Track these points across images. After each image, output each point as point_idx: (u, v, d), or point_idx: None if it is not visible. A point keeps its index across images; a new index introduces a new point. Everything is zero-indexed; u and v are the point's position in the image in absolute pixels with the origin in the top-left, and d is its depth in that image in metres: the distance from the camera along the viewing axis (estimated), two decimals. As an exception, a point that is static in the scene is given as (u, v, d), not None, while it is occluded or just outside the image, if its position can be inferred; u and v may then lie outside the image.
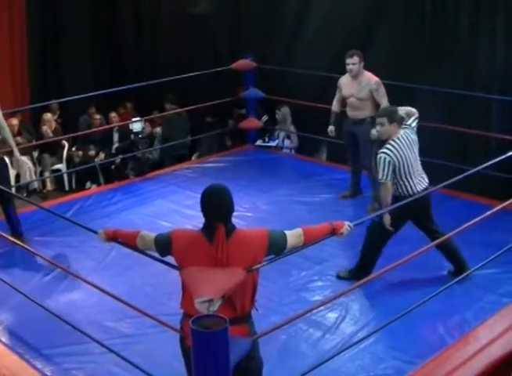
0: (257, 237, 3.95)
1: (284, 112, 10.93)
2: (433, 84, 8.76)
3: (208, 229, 3.90)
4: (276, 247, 4.02)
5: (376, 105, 7.69)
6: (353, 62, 7.68)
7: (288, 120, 10.89)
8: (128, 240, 4.32)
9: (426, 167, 6.04)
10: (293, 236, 4.10)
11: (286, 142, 10.96)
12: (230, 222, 3.94)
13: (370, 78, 7.74)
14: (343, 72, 7.94)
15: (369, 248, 6.20)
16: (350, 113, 7.96)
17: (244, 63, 9.85)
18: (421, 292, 5.49)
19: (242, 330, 3.92)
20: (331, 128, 8.20)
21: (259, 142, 10.71)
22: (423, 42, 9.14)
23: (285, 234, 4.06)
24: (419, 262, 6.23)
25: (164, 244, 4.06)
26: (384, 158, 5.94)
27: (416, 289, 5.86)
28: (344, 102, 8.07)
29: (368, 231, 6.20)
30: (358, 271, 6.20)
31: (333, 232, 4.34)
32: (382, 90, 7.70)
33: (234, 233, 3.91)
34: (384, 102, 7.62)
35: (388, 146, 5.99)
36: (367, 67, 7.89)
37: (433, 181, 6.10)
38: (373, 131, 7.52)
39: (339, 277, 6.36)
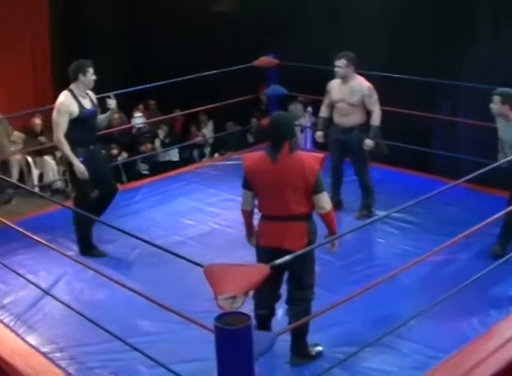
0: (312, 165, 4.68)
1: (293, 109, 10.96)
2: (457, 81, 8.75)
3: (274, 149, 4.69)
4: (316, 187, 4.69)
5: (367, 112, 7.33)
6: (339, 64, 7.21)
7: (300, 116, 10.95)
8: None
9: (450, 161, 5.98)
10: (326, 197, 4.78)
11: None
12: (293, 144, 4.75)
13: (362, 84, 7.27)
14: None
15: None
16: (338, 119, 7.45)
17: (266, 61, 9.81)
18: (444, 287, 5.46)
19: (299, 226, 4.74)
20: (319, 133, 7.74)
21: None
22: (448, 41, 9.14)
23: (324, 191, 4.76)
24: (442, 258, 6.27)
25: (243, 175, 4.81)
26: None
27: (440, 284, 5.82)
28: (332, 107, 7.52)
29: None
30: None
31: (331, 235, 4.89)
32: (374, 96, 7.25)
33: (295, 152, 4.72)
34: (376, 109, 7.25)
35: None
36: (390, 64, 7.77)
37: (457, 176, 6.05)
38: (367, 142, 7.29)
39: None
